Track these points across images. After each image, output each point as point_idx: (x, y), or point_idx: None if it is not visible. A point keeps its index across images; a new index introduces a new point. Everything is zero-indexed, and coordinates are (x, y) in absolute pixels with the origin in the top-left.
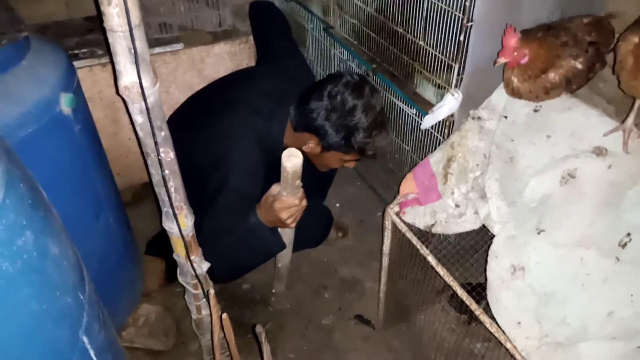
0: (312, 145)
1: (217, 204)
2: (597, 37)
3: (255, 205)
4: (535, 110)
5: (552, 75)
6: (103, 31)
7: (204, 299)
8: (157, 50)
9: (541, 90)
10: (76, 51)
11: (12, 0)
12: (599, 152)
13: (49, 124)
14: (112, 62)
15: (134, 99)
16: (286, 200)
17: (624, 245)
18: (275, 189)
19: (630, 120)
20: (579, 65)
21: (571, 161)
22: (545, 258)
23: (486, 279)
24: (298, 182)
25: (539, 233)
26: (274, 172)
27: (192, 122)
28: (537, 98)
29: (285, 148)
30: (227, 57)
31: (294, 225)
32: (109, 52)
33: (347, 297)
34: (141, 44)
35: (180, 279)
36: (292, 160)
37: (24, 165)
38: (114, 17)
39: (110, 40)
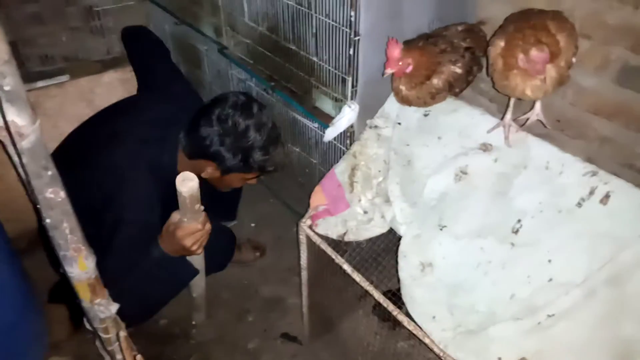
0: (210, 170)
1: (117, 242)
2: (472, 43)
3: (156, 237)
4: (425, 115)
5: (436, 81)
6: None
7: (117, 343)
8: (40, 84)
9: (427, 96)
10: None
11: None
12: (485, 147)
13: None
14: None
15: (11, 140)
16: (188, 227)
17: (516, 231)
18: (175, 216)
19: (508, 116)
20: (458, 70)
21: (462, 159)
22: (450, 251)
23: (399, 279)
24: (198, 206)
25: (441, 229)
26: (171, 201)
27: (77, 159)
28: (425, 103)
29: None
30: (119, 85)
31: (200, 251)
32: None
33: (271, 317)
34: (14, 80)
35: (87, 324)
36: (186, 184)
37: None
38: None
39: None
